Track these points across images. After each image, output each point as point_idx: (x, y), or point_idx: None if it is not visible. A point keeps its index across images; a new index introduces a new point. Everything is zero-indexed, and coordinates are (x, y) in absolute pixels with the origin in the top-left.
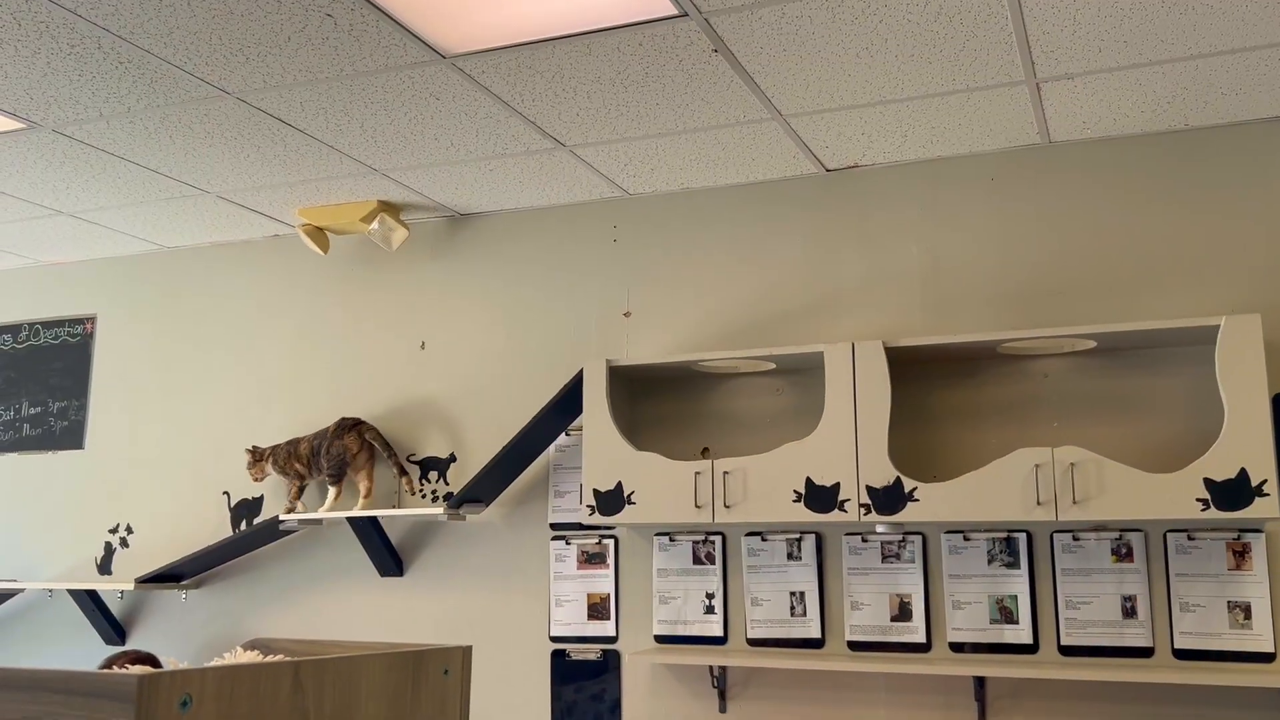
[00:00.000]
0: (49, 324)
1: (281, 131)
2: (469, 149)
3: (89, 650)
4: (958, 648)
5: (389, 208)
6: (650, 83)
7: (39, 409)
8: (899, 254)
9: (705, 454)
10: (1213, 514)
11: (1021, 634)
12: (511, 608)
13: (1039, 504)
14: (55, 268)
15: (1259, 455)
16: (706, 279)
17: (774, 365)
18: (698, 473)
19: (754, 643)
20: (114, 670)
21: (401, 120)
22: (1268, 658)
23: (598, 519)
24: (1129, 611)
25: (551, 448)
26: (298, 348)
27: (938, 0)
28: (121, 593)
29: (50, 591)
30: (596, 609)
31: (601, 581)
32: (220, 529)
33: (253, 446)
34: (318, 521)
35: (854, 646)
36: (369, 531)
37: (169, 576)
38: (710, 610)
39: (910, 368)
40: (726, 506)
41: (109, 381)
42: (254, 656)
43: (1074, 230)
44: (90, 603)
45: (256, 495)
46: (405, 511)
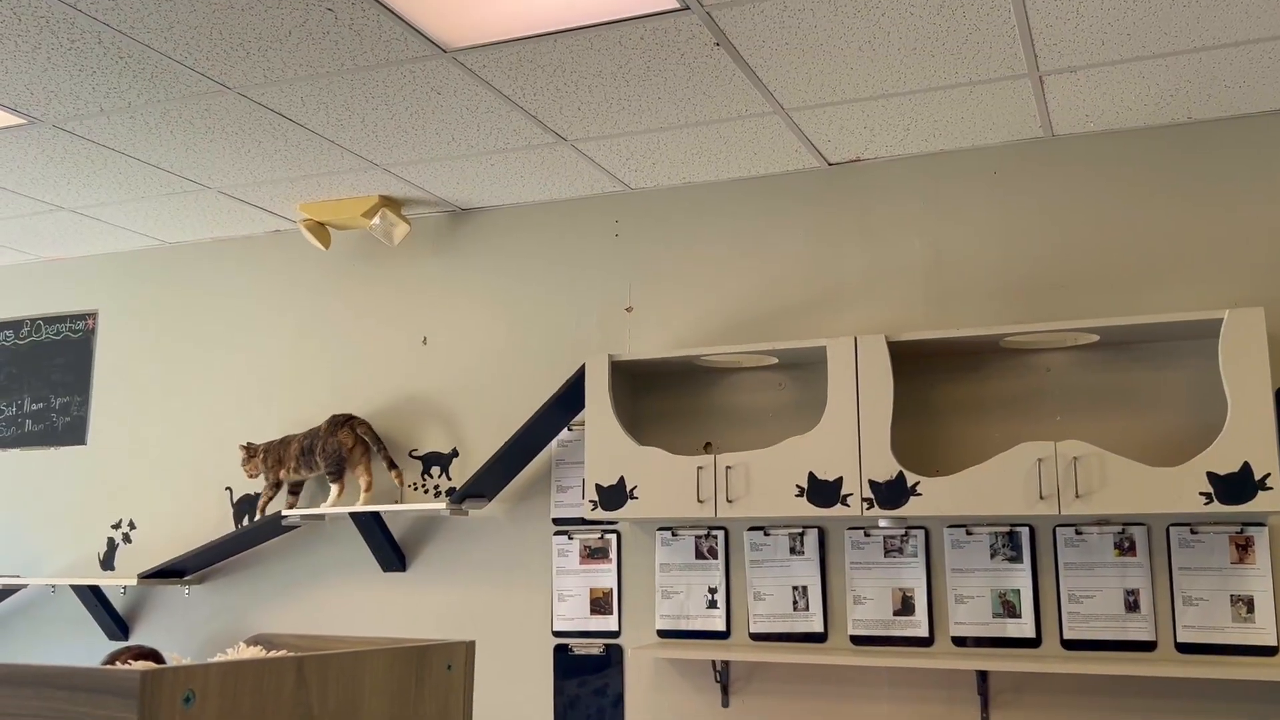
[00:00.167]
0: (51, 320)
1: (282, 126)
2: (470, 144)
3: (92, 646)
4: (960, 642)
5: (390, 203)
6: (652, 77)
7: (41, 405)
8: (901, 248)
9: (708, 449)
10: (1216, 508)
11: (1024, 628)
12: (514, 603)
13: (1041, 498)
14: (57, 263)
15: (1262, 449)
16: (708, 273)
17: (776, 360)
18: (700, 467)
19: (756, 637)
20: (117, 666)
21: (403, 115)
22: (1270, 651)
23: (600, 514)
24: (1132, 605)
25: (554, 443)
26: (299, 343)
27: None
28: (124, 588)
29: (53, 587)
30: (599, 604)
31: (604, 576)
32: (223, 524)
33: (247, 443)
34: (320, 517)
35: (856, 641)
36: (371, 527)
37: (171, 572)
38: (713, 605)
39: (913, 362)
40: (729, 501)
41: (111, 377)
42: (257, 652)
43: (1077, 224)
44: (93, 598)
45: (259, 491)
46: (408, 507)
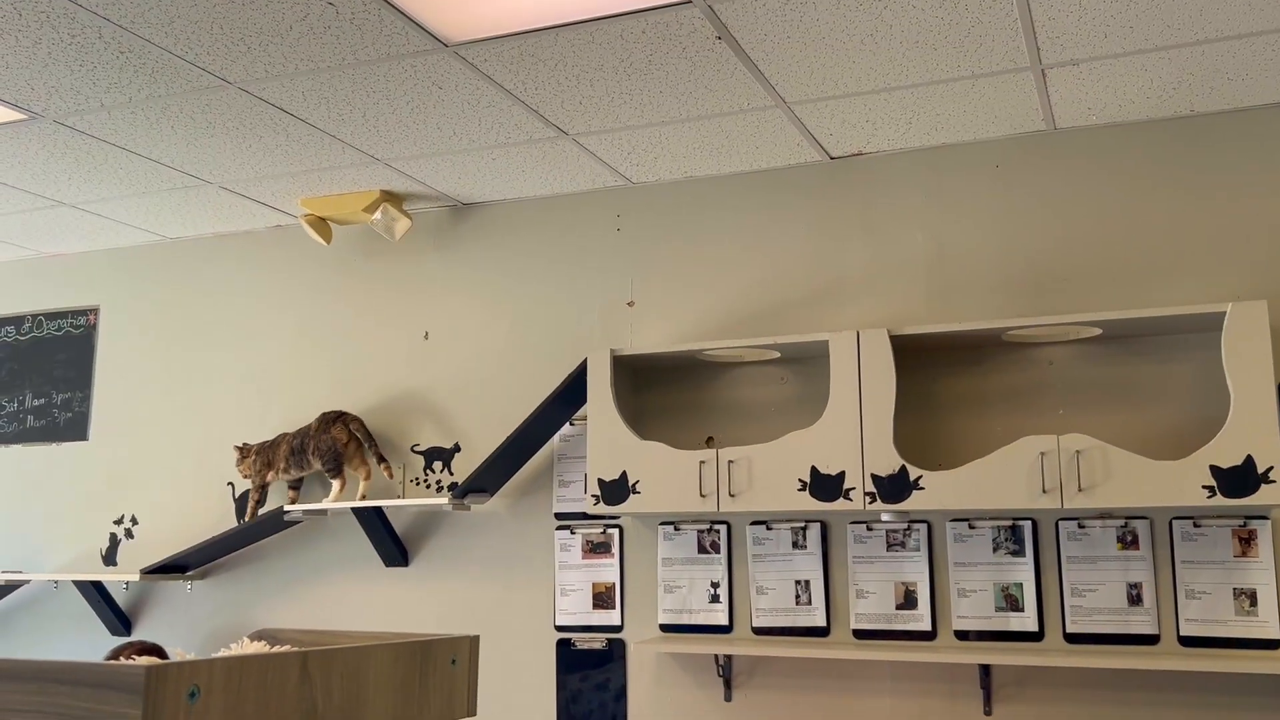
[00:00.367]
0: (52, 316)
1: (283, 121)
2: (472, 138)
3: (94, 641)
4: (963, 636)
5: (392, 197)
6: (654, 70)
7: (43, 401)
8: (904, 241)
9: (710, 443)
10: (1219, 501)
11: (1027, 622)
12: (516, 597)
13: (1044, 492)
14: (58, 259)
15: (1265, 442)
16: (710, 268)
17: (778, 354)
18: (702, 462)
19: (759, 631)
20: (121, 661)
21: (404, 109)
22: (1273, 644)
23: (602, 509)
24: (1134, 599)
25: (556, 437)
26: (301, 338)
27: None
28: (126, 584)
29: (55, 583)
30: (601, 598)
31: (606, 571)
32: (225, 520)
33: (242, 444)
34: (322, 512)
35: (859, 635)
36: (374, 522)
37: (174, 567)
38: (715, 599)
39: (915, 355)
40: (731, 496)
41: (112, 373)
42: (261, 647)
43: (1079, 217)
44: (95, 594)
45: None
46: (410, 502)
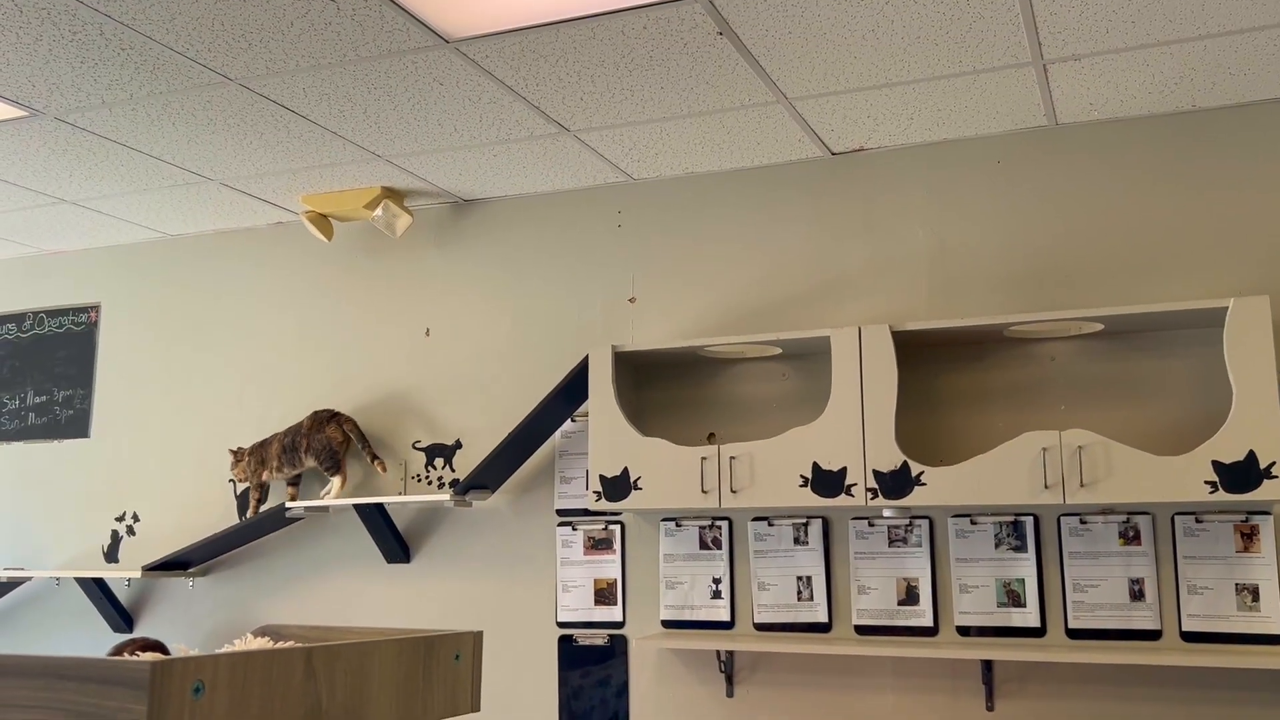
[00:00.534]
0: (53, 313)
1: (284, 118)
2: (473, 134)
3: (96, 638)
4: (965, 631)
5: (393, 194)
6: (655, 66)
7: (44, 398)
8: (905, 237)
9: (711, 439)
10: (1221, 496)
11: (1029, 617)
12: (518, 594)
13: (1046, 487)
14: (59, 256)
15: (1267, 437)
16: (712, 264)
17: (780, 350)
18: (704, 458)
19: (761, 627)
20: (125, 658)
21: (405, 106)
22: (1275, 640)
23: (604, 505)
24: (1136, 594)
25: (557, 434)
26: (302, 334)
27: None
28: (128, 581)
29: (57, 580)
30: (603, 594)
31: (608, 567)
32: (227, 516)
33: (237, 448)
34: (324, 509)
35: (861, 630)
36: (375, 519)
37: (176, 564)
38: (717, 595)
39: (917, 351)
40: (733, 492)
41: (114, 370)
42: (265, 643)
43: (1081, 212)
44: (97, 591)
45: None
46: (412, 498)
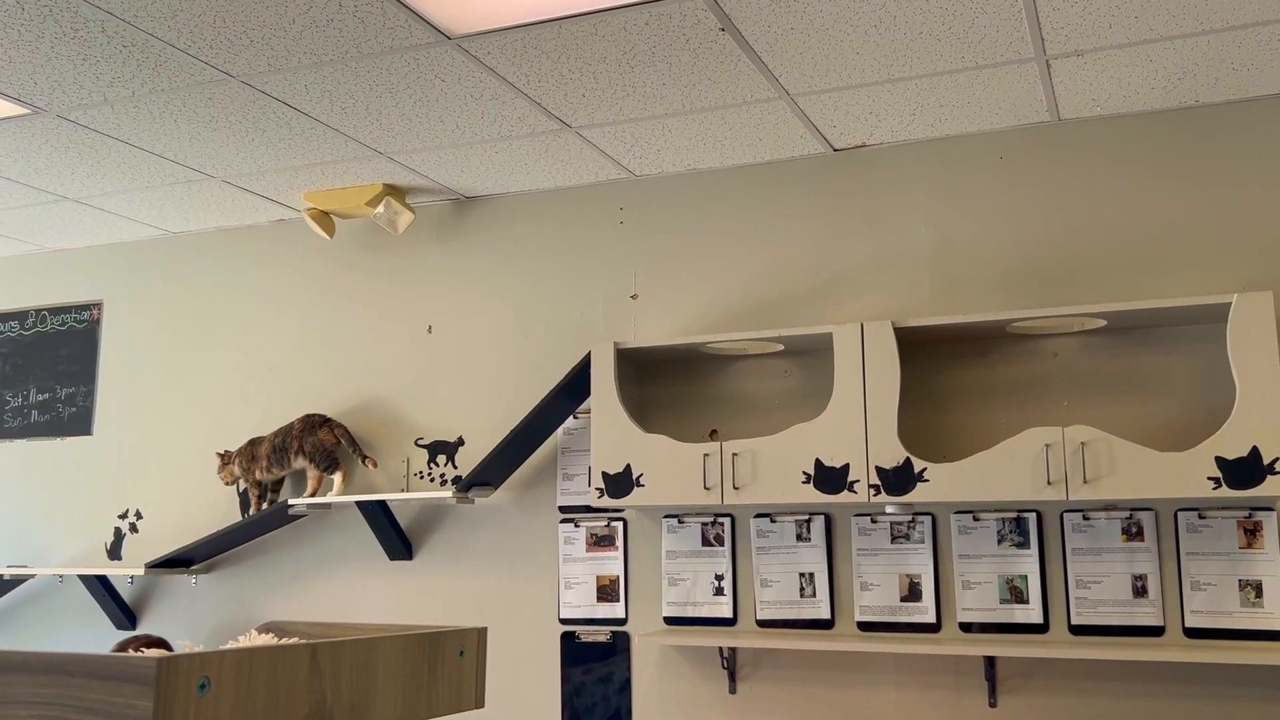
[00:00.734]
0: (56, 310)
1: (286, 115)
2: (474, 131)
3: (99, 635)
4: (967, 628)
5: (394, 191)
6: (657, 62)
7: (47, 395)
8: (907, 234)
9: (714, 436)
10: (1224, 492)
11: (1032, 614)
12: (521, 590)
13: (1049, 484)
14: (61, 254)
15: (1271, 433)
16: (713, 260)
17: (782, 346)
18: (706, 455)
19: (763, 624)
20: (130, 654)
21: (407, 103)
22: (1279, 636)
23: (606, 501)
24: (1139, 590)
25: (559, 431)
26: (304, 332)
27: None
28: (131, 578)
29: (60, 577)
30: (606, 591)
31: (610, 564)
32: (229, 514)
33: (223, 450)
34: (326, 506)
35: (864, 627)
36: (378, 515)
37: (179, 561)
38: (719, 592)
39: (919, 348)
40: (735, 488)
41: (116, 367)
42: (269, 639)
43: (1084, 208)
44: (100, 588)
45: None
46: (414, 495)
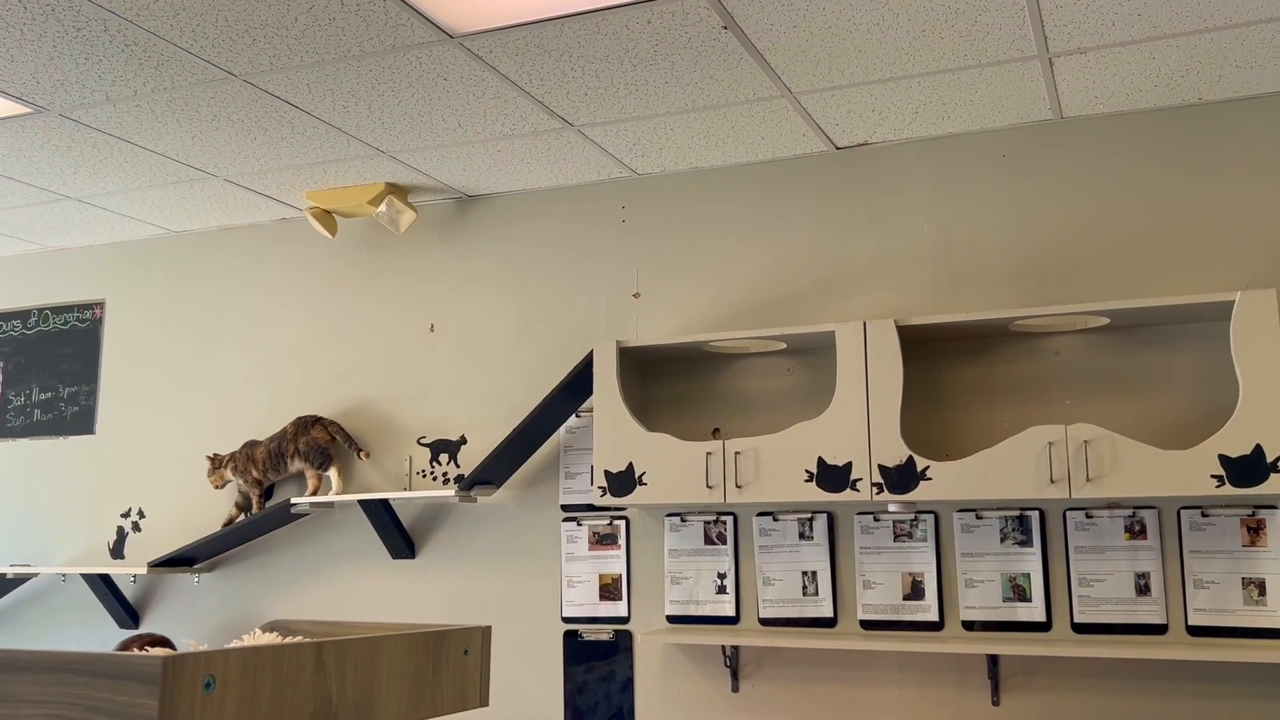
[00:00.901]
0: (58, 309)
1: (288, 114)
2: (477, 130)
3: (102, 634)
4: (970, 626)
5: (396, 190)
6: (659, 61)
7: (50, 394)
8: (910, 232)
9: (716, 434)
10: (1227, 490)
11: (1034, 612)
12: (523, 589)
13: (1052, 482)
14: (63, 253)
15: (1274, 431)
16: (716, 259)
17: (785, 345)
18: (709, 453)
19: (766, 622)
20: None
21: (409, 101)
22: None
23: (609, 500)
24: (1142, 589)
25: (562, 429)
26: (306, 331)
27: None
28: (134, 577)
29: (63, 576)
30: (608, 590)
31: (613, 562)
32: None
33: (213, 454)
34: (329, 505)
35: (866, 625)
36: (380, 514)
37: (181, 560)
38: (722, 590)
39: (922, 346)
40: (738, 487)
41: (119, 366)
42: (273, 638)
43: (1087, 206)
44: (103, 587)
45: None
46: (416, 494)
